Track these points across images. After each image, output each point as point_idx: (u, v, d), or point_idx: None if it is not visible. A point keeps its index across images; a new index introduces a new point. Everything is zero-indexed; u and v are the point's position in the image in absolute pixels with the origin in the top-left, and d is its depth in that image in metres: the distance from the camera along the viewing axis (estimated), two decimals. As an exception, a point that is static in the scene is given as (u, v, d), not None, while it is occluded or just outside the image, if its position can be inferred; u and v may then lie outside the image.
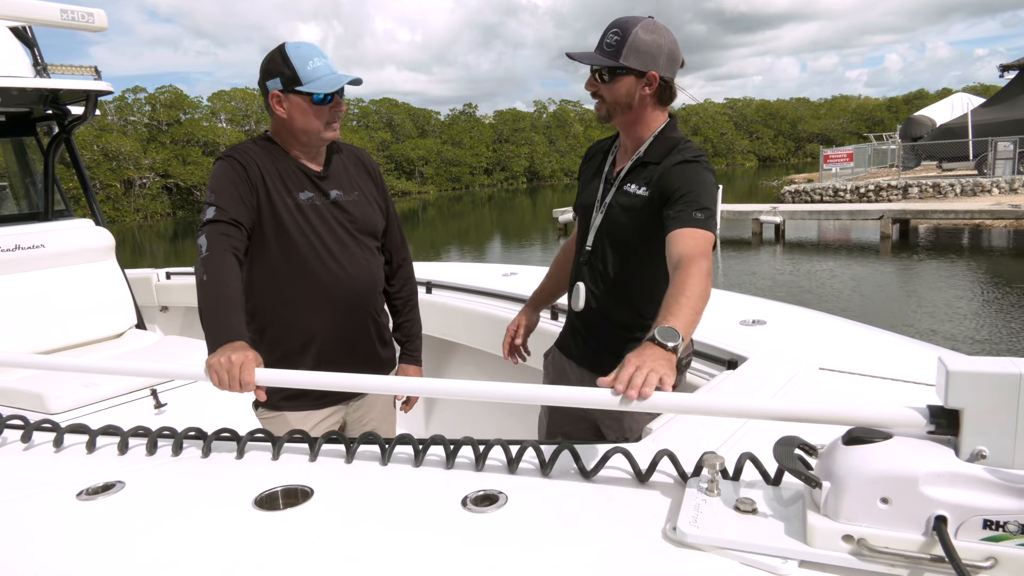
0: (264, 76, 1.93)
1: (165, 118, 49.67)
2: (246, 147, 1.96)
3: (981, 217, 16.49)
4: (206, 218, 1.83)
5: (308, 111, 1.90)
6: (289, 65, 1.88)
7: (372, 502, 1.19)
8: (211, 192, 1.87)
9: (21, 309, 3.40)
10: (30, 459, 1.48)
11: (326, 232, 1.98)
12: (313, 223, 1.96)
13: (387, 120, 59.24)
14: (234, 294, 1.70)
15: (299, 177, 1.97)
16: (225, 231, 1.80)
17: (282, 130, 1.98)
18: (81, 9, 3.63)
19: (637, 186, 1.87)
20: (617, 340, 1.94)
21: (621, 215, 1.90)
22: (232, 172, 1.89)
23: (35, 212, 4.35)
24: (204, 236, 1.79)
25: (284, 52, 1.89)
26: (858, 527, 0.93)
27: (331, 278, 1.98)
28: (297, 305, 1.98)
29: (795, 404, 1.14)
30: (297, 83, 1.88)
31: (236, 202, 1.85)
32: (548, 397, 1.44)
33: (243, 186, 1.88)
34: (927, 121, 27.84)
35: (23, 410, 2.21)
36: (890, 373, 1.81)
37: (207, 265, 1.73)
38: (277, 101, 1.92)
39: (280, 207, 1.92)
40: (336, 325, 2.02)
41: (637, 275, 1.92)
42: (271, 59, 1.92)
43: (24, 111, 4.04)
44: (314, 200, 1.98)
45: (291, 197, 1.94)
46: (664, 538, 1.03)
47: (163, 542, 1.09)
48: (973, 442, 0.93)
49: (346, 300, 2.02)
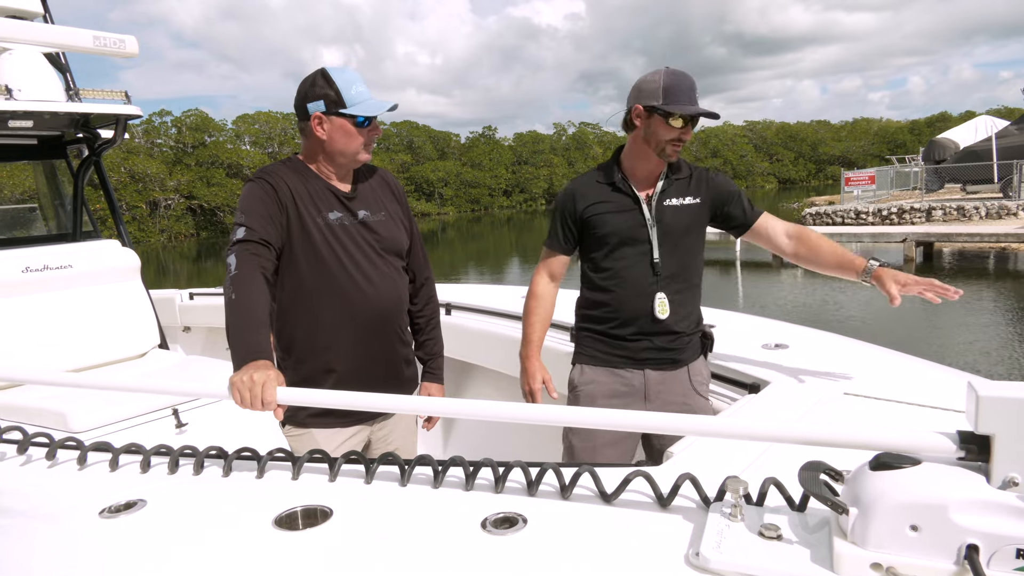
0: (304, 98, 1.97)
1: (190, 140, 50.63)
2: (276, 168, 1.99)
3: (1007, 240, 16.24)
4: (236, 238, 1.84)
5: (350, 133, 1.96)
6: (334, 88, 1.94)
7: (391, 523, 1.19)
8: (241, 212, 1.89)
9: (48, 328, 3.46)
10: (54, 476, 1.50)
11: (356, 251, 2.01)
12: (344, 242, 1.99)
13: (407, 142, 59.88)
14: (261, 313, 1.72)
15: (329, 198, 2.01)
16: (254, 251, 1.82)
17: (318, 152, 2.01)
18: (113, 36, 3.72)
19: (680, 199, 2.20)
20: (693, 327, 2.27)
21: (677, 225, 2.19)
22: (262, 193, 1.92)
23: (64, 233, 4.44)
24: (233, 255, 1.80)
25: (328, 75, 1.95)
26: (887, 555, 0.91)
27: (360, 297, 2.01)
28: (326, 323, 2.00)
29: (821, 428, 1.12)
30: (341, 105, 1.94)
31: (266, 222, 1.88)
32: (570, 419, 1.44)
33: (273, 207, 1.91)
34: (950, 144, 27.57)
35: (47, 428, 2.23)
36: (916, 399, 1.78)
37: (236, 284, 1.74)
38: (318, 123, 1.96)
39: (311, 227, 1.95)
40: (364, 343, 2.04)
41: (698, 270, 2.28)
42: (313, 82, 1.96)
43: (56, 134, 4.14)
44: (343, 220, 2.01)
45: (321, 217, 1.97)
46: (687, 563, 1.02)
47: (183, 560, 1.10)
48: (1005, 469, 0.90)
49: (374, 318, 2.04)
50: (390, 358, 2.12)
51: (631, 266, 2.20)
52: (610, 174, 2.23)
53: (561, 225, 2.29)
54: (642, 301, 2.18)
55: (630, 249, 2.19)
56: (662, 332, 2.20)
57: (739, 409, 1.87)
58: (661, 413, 1.25)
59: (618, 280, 2.21)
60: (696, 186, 2.22)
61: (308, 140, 2.01)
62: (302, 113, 1.98)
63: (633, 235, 2.19)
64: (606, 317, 2.24)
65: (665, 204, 2.19)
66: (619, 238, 2.20)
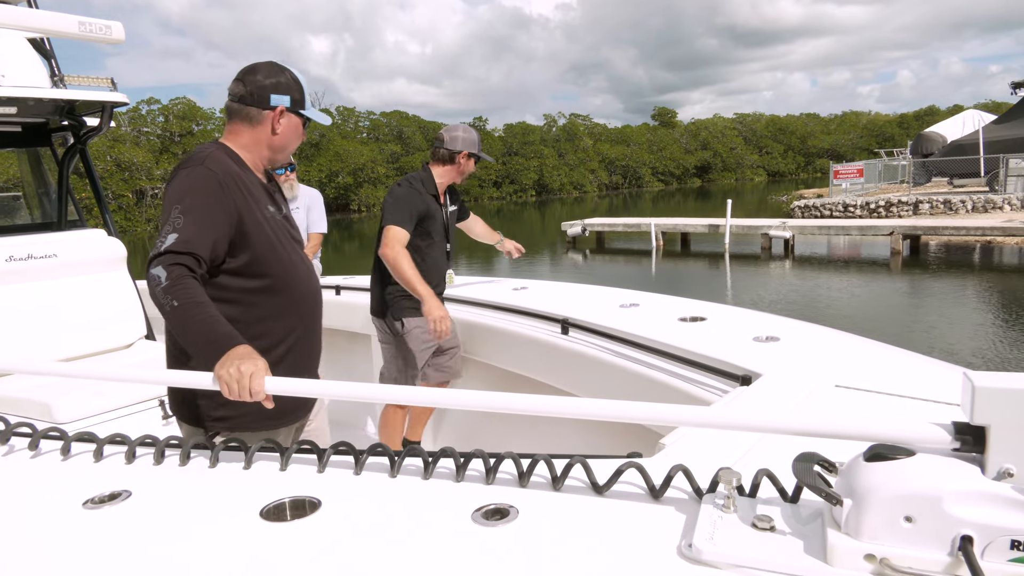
0: (271, 90, 1.94)
1: (178, 129, 50.11)
2: (222, 160, 1.90)
3: (992, 234, 16.38)
4: (164, 246, 1.70)
5: (299, 134, 2.04)
6: (299, 87, 2.01)
7: (381, 514, 1.18)
8: (180, 214, 1.74)
9: (32, 318, 3.41)
10: (37, 467, 1.47)
11: (288, 244, 2.02)
12: (280, 236, 2.00)
13: (397, 132, 59.50)
14: (213, 308, 1.66)
15: (263, 193, 2.01)
16: (183, 261, 1.70)
17: (262, 143, 1.98)
18: (99, 21, 3.66)
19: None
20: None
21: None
22: (214, 188, 1.81)
23: (48, 222, 4.38)
24: (160, 267, 1.67)
25: (295, 75, 2.01)
26: (880, 546, 0.91)
27: (305, 287, 2.04)
28: (277, 316, 1.98)
29: (816, 419, 1.12)
30: (302, 106, 2.01)
31: (204, 230, 1.76)
32: (560, 410, 1.42)
33: (218, 211, 1.80)
34: (938, 137, 27.76)
35: (31, 419, 2.21)
36: (908, 391, 1.78)
37: (173, 291, 1.64)
38: (279, 116, 1.95)
39: (260, 220, 1.93)
40: (310, 332, 2.08)
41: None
42: (283, 78, 1.97)
43: (40, 122, 4.07)
44: (275, 215, 2.02)
45: (261, 212, 1.95)
46: (679, 555, 1.01)
47: (168, 552, 1.08)
48: (1000, 460, 0.90)
49: (314, 308, 2.10)
50: (320, 345, 2.17)
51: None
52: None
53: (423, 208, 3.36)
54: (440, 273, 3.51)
55: (442, 234, 3.48)
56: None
57: (731, 401, 1.87)
58: (652, 404, 1.24)
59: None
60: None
61: (254, 129, 1.96)
62: (261, 102, 1.93)
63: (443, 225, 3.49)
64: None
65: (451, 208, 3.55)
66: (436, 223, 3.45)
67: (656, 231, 19.96)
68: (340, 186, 48.12)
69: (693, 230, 19.87)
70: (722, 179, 73.06)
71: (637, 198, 55.17)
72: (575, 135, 68.61)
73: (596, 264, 18.69)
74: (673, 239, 20.57)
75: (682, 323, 2.72)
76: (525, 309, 3.28)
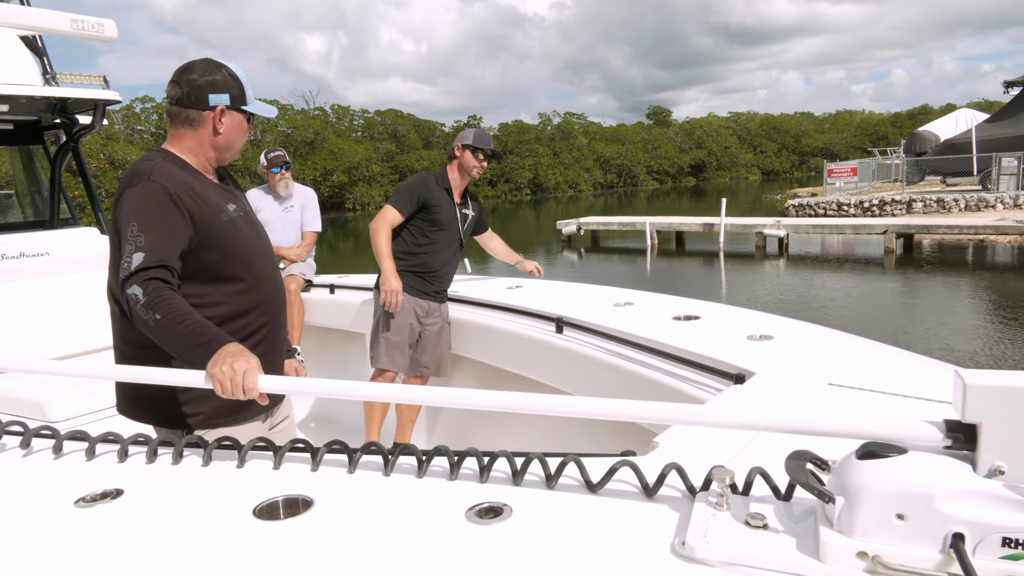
0: (208, 89, 1.89)
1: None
2: (169, 171, 1.85)
3: (985, 232, 16.45)
4: (133, 266, 1.68)
5: (243, 130, 1.99)
6: (238, 83, 1.95)
7: (374, 512, 1.18)
8: (139, 232, 1.72)
9: (25, 317, 3.40)
10: (28, 465, 1.47)
11: (255, 240, 2.02)
12: (245, 233, 1.98)
13: (392, 131, 59.38)
14: (196, 314, 1.66)
15: (219, 194, 1.97)
16: (155, 275, 1.69)
17: (206, 144, 1.94)
18: (91, 19, 3.64)
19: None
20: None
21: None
22: (165, 201, 1.79)
23: (41, 220, 4.36)
24: (134, 286, 1.66)
25: (232, 71, 1.94)
26: (873, 543, 0.91)
27: (273, 283, 2.05)
28: (250, 311, 1.98)
29: (808, 417, 1.12)
30: (243, 102, 1.95)
31: (167, 241, 1.74)
32: (554, 408, 1.43)
33: (176, 221, 1.78)
34: (931, 136, 27.85)
35: (24, 417, 2.20)
36: (900, 389, 1.79)
37: (154, 306, 1.63)
38: (220, 115, 1.91)
39: (223, 222, 1.90)
40: (279, 326, 2.10)
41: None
42: (220, 76, 1.90)
43: (32, 119, 4.06)
44: (236, 212, 1.99)
45: (223, 213, 1.92)
46: (673, 553, 1.01)
47: (161, 551, 1.07)
48: (991, 458, 0.91)
49: (283, 302, 2.12)
50: (284, 339, 2.18)
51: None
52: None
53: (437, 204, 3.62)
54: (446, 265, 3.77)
55: (454, 230, 3.70)
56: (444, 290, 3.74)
57: (724, 399, 1.88)
58: (646, 402, 1.24)
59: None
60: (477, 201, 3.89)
61: (196, 132, 1.92)
62: (200, 103, 1.89)
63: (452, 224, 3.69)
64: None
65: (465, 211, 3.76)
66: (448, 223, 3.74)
67: (651, 230, 19.99)
68: (335, 184, 47.99)
69: (688, 229, 19.91)
70: (717, 178, 73.15)
71: (632, 197, 55.19)
72: (570, 134, 68.62)
73: (591, 263, 18.71)
74: (668, 238, 20.60)
75: (676, 322, 2.72)
76: (520, 308, 3.28)
